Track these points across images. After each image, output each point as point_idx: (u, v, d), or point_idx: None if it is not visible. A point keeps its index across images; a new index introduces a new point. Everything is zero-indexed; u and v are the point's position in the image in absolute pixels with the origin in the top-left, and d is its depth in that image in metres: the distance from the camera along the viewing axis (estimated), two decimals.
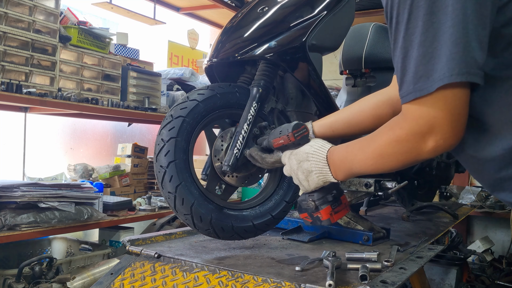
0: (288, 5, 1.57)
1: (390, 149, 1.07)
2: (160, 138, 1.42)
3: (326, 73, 1.81)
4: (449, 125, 0.95)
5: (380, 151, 1.10)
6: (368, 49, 2.08)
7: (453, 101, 0.93)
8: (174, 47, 4.85)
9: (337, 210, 1.37)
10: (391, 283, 1.25)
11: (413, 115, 0.98)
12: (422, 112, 0.96)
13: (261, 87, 1.53)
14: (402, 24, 0.95)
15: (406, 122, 1.00)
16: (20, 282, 2.26)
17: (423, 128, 0.97)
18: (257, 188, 3.70)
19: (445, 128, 0.95)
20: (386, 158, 1.09)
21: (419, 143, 0.99)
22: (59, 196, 2.58)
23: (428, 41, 0.92)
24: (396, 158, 1.07)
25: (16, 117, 3.25)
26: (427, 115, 0.95)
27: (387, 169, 1.12)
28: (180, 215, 1.43)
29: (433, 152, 0.99)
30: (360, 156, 1.17)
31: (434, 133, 0.96)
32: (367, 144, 1.15)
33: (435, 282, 2.89)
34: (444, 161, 2.40)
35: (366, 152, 1.15)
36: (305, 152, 1.30)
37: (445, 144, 0.97)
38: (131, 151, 3.80)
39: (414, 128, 0.99)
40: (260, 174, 1.57)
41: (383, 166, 1.12)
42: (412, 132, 1.00)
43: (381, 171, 1.14)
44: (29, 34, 2.79)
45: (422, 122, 0.97)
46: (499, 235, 4.49)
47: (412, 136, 1.00)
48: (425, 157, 1.02)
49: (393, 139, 1.05)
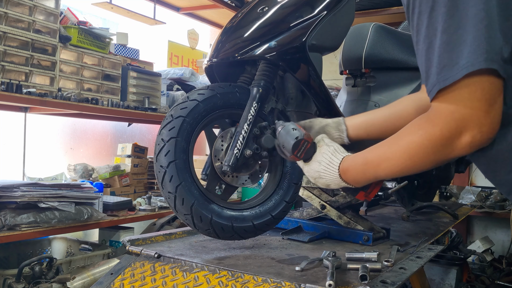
0: (288, 5, 1.56)
1: (422, 150, 0.99)
2: (160, 138, 1.42)
3: (326, 73, 1.81)
4: (486, 116, 0.87)
5: (409, 153, 1.02)
6: (368, 49, 2.08)
7: (485, 89, 0.86)
8: (174, 47, 4.86)
9: (370, 191, 1.31)
10: (391, 283, 1.25)
11: (446, 110, 0.90)
12: (454, 106, 0.88)
13: (261, 87, 1.53)
14: (425, 14, 0.91)
15: (439, 118, 0.92)
16: (20, 282, 2.26)
17: (459, 123, 0.89)
18: (257, 188, 3.70)
19: (482, 120, 0.87)
20: (417, 159, 1.01)
21: (455, 139, 0.91)
22: (59, 196, 2.58)
23: (452, 28, 0.87)
24: (428, 158, 0.99)
25: (16, 117, 3.25)
26: (461, 108, 0.88)
27: (417, 170, 1.04)
28: (180, 215, 1.43)
29: (469, 148, 0.91)
30: (385, 163, 1.09)
31: (471, 127, 0.88)
32: (391, 148, 1.08)
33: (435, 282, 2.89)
34: None
35: (393, 157, 1.07)
36: (316, 171, 1.26)
37: (483, 138, 0.89)
38: (131, 151, 3.80)
39: (449, 125, 0.91)
40: (260, 174, 1.57)
41: (413, 168, 1.04)
42: (447, 129, 0.91)
43: (408, 174, 1.08)
44: (29, 34, 2.79)
45: (457, 116, 0.89)
46: (499, 235, 4.49)
47: (448, 133, 0.92)
48: (458, 154, 0.94)
49: (426, 138, 0.96)
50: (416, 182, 2.50)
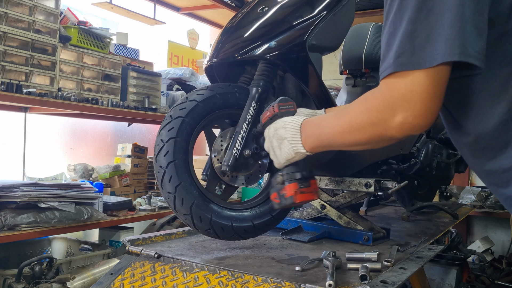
0: (288, 5, 1.56)
1: (359, 118, 1.05)
2: (160, 139, 1.42)
3: (326, 73, 1.81)
4: (422, 103, 0.93)
5: (349, 119, 1.09)
6: (368, 49, 2.08)
7: (433, 81, 0.92)
8: (174, 47, 4.85)
9: (304, 191, 1.32)
10: (391, 283, 1.25)
11: (390, 86, 0.96)
12: (399, 85, 0.94)
13: (260, 87, 1.53)
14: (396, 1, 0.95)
15: (381, 92, 0.99)
16: (20, 282, 2.26)
17: (396, 101, 0.95)
18: (257, 188, 3.71)
19: (418, 106, 0.93)
20: (355, 127, 1.07)
21: (389, 114, 0.97)
22: (59, 196, 2.58)
23: (420, 19, 0.91)
24: (363, 129, 1.05)
25: (16, 117, 3.25)
26: (404, 88, 0.94)
27: (353, 141, 1.10)
28: (180, 215, 1.43)
29: (400, 128, 0.97)
30: (330, 123, 1.17)
31: (406, 108, 0.94)
32: (340, 113, 1.16)
33: (435, 282, 2.89)
34: (444, 161, 2.40)
35: (337, 120, 1.14)
36: (283, 121, 1.30)
37: (414, 122, 0.95)
38: (131, 151, 3.80)
39: (387, 99, 0.97)
40: (260, 174, 1.57)
41: (349, 137, 1.10)
42: (384, 102, 0.98)
43: (347, 144, 1.13)
44: (29, 34, 2.79)
45: (396, 94, 0.95)
46: (499, 235, 4.49)
47: (383, 107, 0.98)
48: (391, 133, 0.99)
49: (365, 107, 1.04)
50: (416, 182, 2.50)
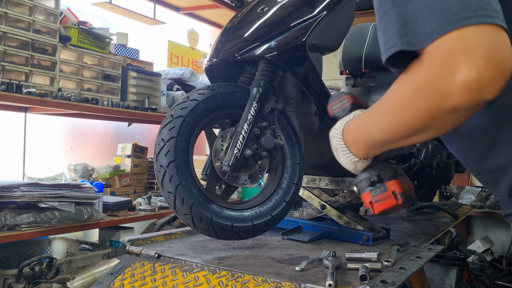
0: (288, 5, 1.57)
1: (409, 95, 0.84)
2: (160, 138, 1.42)
3: (326, 73, 1.81)
4: (489, 57, 0.73)
5: (398, 102, 0.88)
6: (368, 49, 2.08)
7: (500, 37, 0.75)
8: (174, 47, 4.86)
9: (379, 199, 1.13)
10: (391, 283, 1.25)
11: (440, 50, 0.77)
12: (451, 46, 0.75)
13: (261, 87, 1.53)
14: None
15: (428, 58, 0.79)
16: (20, 282, 2.26)
17: (449, 58, 0.75)
18: (257, 188, 3.70)
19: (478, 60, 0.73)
20: (406, 108, 0.85)
21: (445, 78, 0.76)
22: (59, 196, 2.58)
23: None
24: (417, 105, 0.83)
25: (16, 117, 3.25)
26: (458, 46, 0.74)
27: (409, 126, 0.87)
28: (180, 215, 1.43)
29: (464, 89, 0.75)
30: (375, 117, 0.98)
31: (464, 62, 0.74)
32: (382, 100, 0.95)
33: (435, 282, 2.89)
34: (444, 161, 2.40)
35: (382, 109, 0.94)
36: (334, 128, 1.16)
37: (480, 79, 0.74)
38: (131, 151, 3.80)
39: (437, 61, 0.77)
40: (260, 174, 1.58)
41: (402, 121, 0.88)
42: (434, 65, 0.78)
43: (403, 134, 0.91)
44: (29, 34, 2.79)
45: (449, 57, 0.75)
46: (499, 235, 4.49)
47: (435, 70, 0.78)
48: (455, 100, 0.77)
49: (412, 80, 0.83)
50: (416, 182, 2.50)
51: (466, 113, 0.80)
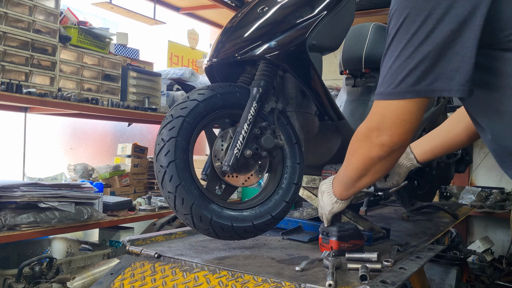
0: (288, 5, 1.56)
1: (353, 146, 1.26)
2: (160, 138, 1.42)
3: (326, 73, 1.81)
4: (395, 126, 1.10)
5: (348, 151, 1.29)
6: (368, 49, 2.08)
7: (409, 111, 1.07)
8: (174, 47, 4.85)
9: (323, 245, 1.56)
10: (391, 283, 1.25)
11: (373, 110, 1.14)
12: (378, 110, 1.12)
13: (261, 87, 1.53)
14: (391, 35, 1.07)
15: (367, 118, 1.17)
16: (20, 282, 2.26)
17: (373, 124, 1.14)
18: (257, 188, 3.70)
19: (392, 128, 1.10)
20: (350, 154, 1.28)
21: (371, 136, 1.16)
22: (59, 196, 2.58)
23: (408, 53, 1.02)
24: (358, 154, 1.24)
25: (16, 117, 3.25)
26: (380, 113, 1.11)
27: (355, 170, 1.28)
28: (180, 215, 1.43)
29: (380, 146, 1.15)
30: (345, 168, 1.35)
31: (380, 129, 1.12)
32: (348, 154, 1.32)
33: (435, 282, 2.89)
34: (444, 161, 2.40)
35: (346, 161, 1.33)
36: (328, 179, 1.54)
37: (389, 140, 1.13)
38: (131, 151, 3.80)
39: (370, 123, 1.16)
40: (260, 174, 1.58)
41: (350, 167, 1.30)
42: (368, 126, 1.17)
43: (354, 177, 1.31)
44: (29, 34, 2.79)
45: (375, 118, 1.13)
46: (499, 235, 4.49)
47: (367, 129, 1.18)
48: (376, 152, 1.17)
49: (355, 135, 1.24)
50: (416, 182, 2.50)
51: (388, 159, 1.20)
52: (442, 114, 2.39)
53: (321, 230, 1.58)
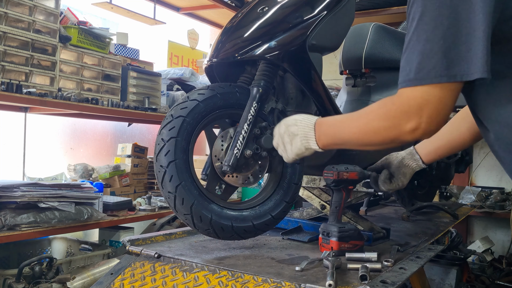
0: (288, 5, 1.56)
1: (376, 122, 1.16)
2: (160, 138, 1.42)
3: (326, 73, 1.81)
4: (435, 111, 1.05)
5: (366, 122, 1.19)
6: (368, 49, 2.08)
7: (446, 94, 1.03)
8: (174, 47, 4.85)
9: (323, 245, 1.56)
10: (391, 283, 1.25)
11: (407, 95, 1.07)
12: (416, 95, 1.05)
13: (261, 87, 1.53)
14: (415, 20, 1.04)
15: (399, 99, 1.10)
16: (20, 282, 2.26)
17: (412, 108, 1.07)
18: (257, 188, 3.70)
19: (431, 114, 1.05)
20: (371, 130, 1.18)
21: (404, 120, 1.09)
22: (59, 196, 2.58)
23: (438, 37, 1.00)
24: (379, 132, 1.16)
25: (16, 117, 3.25)
26: (420, 98, 1.05)
27: (368, 141, 1.21)
28: (180, 215, 1.43)
29: (412, 133, 1.09)
30: (347, 124, 1.26)
31: (420, 115, 1.06)
32: (358, 116, 1.25)
33: (435, 282, 2.89)
34: (444, 161, 2.40)
35: (355, 122, 1.24)
36: (293, 118, 1.38)
37: (425, 128, 1.07)
38: (131, 151, 3.80)
39: (404, 106, 1.08)
40: (260, 174, 1.58)
41: (365, 138, 1.20)
42: (401, 108, 1.09)
43: (361, 144, 1.24)
44: (29, 34, 2.78)
45: (413, 102, 1.06)
46: (499, 235, 4.49)
47: (400, 113, 1.09)
48: (404, 138, 1.11)
49: (383, 112, 1.15)
50: (416, 182, 2.50)
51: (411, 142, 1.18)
52: None
53: (322, 230, 1.58)
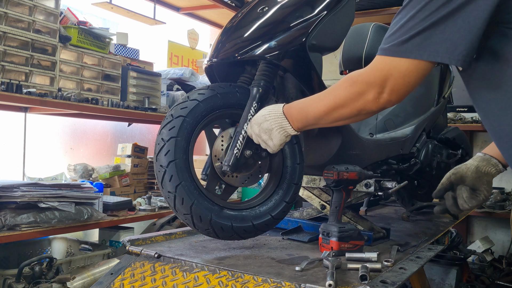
0: (288, 5, 1.56)
1: (343, 94, 1.22)
2: (160, 138, 1.42)
3: (326, 73, 1.81)
4: (398, 86, 1.11)
5: (334, 97, 1.25)
6: (368, 49, 2.08)
7: (412, 72, 1.09)
8: (174, 47, 4.86)
9: (323, 245, 1.57)
10: (391, 283, 1.25)
11: (376, 66, 1.13)
12: (384, 67, 1.11)
13: (261, 87, 1.53)
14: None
15: (367, 70, 1.16)
16: (20, 282, 2.26)
17: (377, 80, 1.13)
18: (257, 188, 3.70)
19: (395, 88, 1.12)
20: (338, 104, 1.23)
21: (369, 89, 1.15)
22: (59, 196, 2.58)
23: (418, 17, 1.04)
24: (346, 104, 1.21)
25: (16, 117, 3.25)
26: (387, 71, 1.10)
27: (338, 116, 1.26)
28: (179, 214, 1.43)
29: (375, 101, 1.15)
30: (317, 104, 1.30)
31: (383, 87, 1.12)
32: (324, 94, 1.31)
33: (435, 282, 2.89)
34: (444, 161, 2.40)
35: (323, 100, 1.29)
36: (262, 115, 1.42)
37: (387, 98, 1.14)
38: (131, 151, 3.80)
39: (370, 76, 1.15)
40: (260, 174, 1.57)
41: (335, 113, 1.25)
42: (367, 78, 1.15)
43: (332, 121, 1.29)
44: (29, 34, 2.79)
45: (379, 74, 1.12)
46: (499, 235, 4.49)
47: (365, 83, 1.16)
48: (369, 107, 1.18)
49: (349, 84, 1.21)
50: (416, 182, 2.50)
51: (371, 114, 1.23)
52: (442, 114, 2.40)
53: (322, 230, 1.58)
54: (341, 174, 1.55)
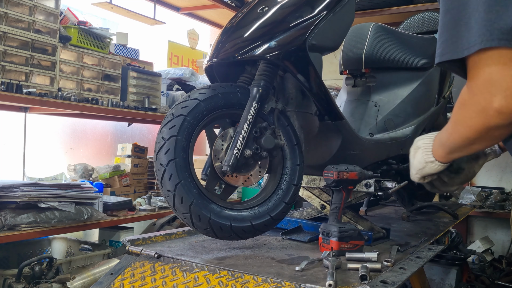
0: (288, 5, 1.56)
1: (459, 114, 1.07)
2: (161, 136, 1.42)
3: (326, 73, 1.81)
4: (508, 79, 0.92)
5: (455, 118, 1.11)
6: (368, 49, 2.08)
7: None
8: (174, 47, 4.86)
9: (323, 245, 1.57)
10: (391, 283, 1.25)
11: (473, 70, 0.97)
12: (479, 66, 0.95)
13: (261, 87, 1.53)
14: None
15: (467, 84, 1.00)
16: (20, 282, 2.26)
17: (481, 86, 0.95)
18: (257, 188, 3.70)
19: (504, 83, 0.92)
20: (459, 124, 1.09)
21: (484, 101, 0.96)
22: (59, 196, 2.58)
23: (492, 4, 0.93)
24: (465, 122, 1.05)
25: (16, 117, 3.25)
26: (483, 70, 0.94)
27: (465, 138, 1.10)
28: (179, 213, 1.43)
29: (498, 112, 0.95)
30: (447, 128, 1.20)
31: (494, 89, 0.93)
32: (452, 121, 1.17)
33: (435, 282, 2.89)
34: None
35: (449, 123, 1.18)
36: (427, 135, 1.37)
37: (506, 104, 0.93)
38: (131, 151, 3.80)
39: (473, 87, 0.98)
40: (260, 174, 1.57)
41: (458, 134, 1.11)
42: (473, 91, 0.98)
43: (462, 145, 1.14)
44: (29, 34, 2.79)
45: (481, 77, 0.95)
46: (499, 235, 4.49)
47: (475, 96, 0.98)
48: (495, 120, 0.97)
49: (460, 103, 1.06)
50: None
51: (507, 128, 0.99)
52: (442, 114, 2.39)
53: (322, 230, 1.58)
54: (341, 174, 1.55)
